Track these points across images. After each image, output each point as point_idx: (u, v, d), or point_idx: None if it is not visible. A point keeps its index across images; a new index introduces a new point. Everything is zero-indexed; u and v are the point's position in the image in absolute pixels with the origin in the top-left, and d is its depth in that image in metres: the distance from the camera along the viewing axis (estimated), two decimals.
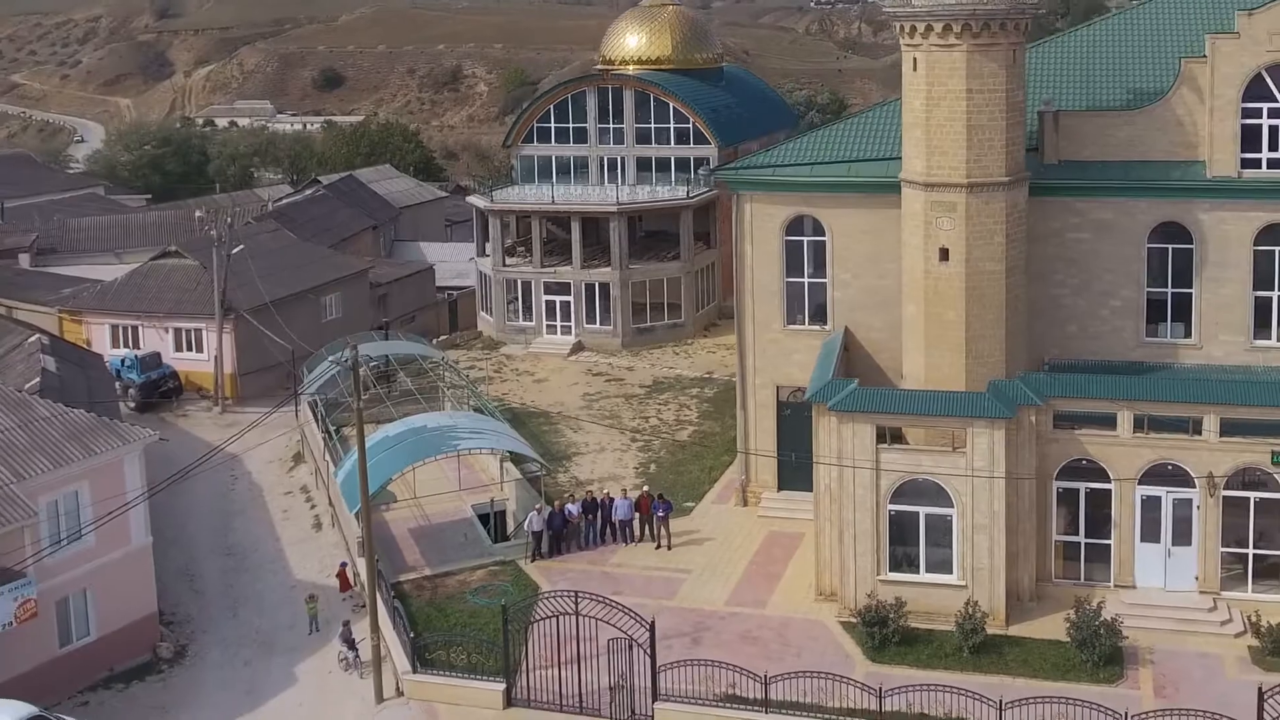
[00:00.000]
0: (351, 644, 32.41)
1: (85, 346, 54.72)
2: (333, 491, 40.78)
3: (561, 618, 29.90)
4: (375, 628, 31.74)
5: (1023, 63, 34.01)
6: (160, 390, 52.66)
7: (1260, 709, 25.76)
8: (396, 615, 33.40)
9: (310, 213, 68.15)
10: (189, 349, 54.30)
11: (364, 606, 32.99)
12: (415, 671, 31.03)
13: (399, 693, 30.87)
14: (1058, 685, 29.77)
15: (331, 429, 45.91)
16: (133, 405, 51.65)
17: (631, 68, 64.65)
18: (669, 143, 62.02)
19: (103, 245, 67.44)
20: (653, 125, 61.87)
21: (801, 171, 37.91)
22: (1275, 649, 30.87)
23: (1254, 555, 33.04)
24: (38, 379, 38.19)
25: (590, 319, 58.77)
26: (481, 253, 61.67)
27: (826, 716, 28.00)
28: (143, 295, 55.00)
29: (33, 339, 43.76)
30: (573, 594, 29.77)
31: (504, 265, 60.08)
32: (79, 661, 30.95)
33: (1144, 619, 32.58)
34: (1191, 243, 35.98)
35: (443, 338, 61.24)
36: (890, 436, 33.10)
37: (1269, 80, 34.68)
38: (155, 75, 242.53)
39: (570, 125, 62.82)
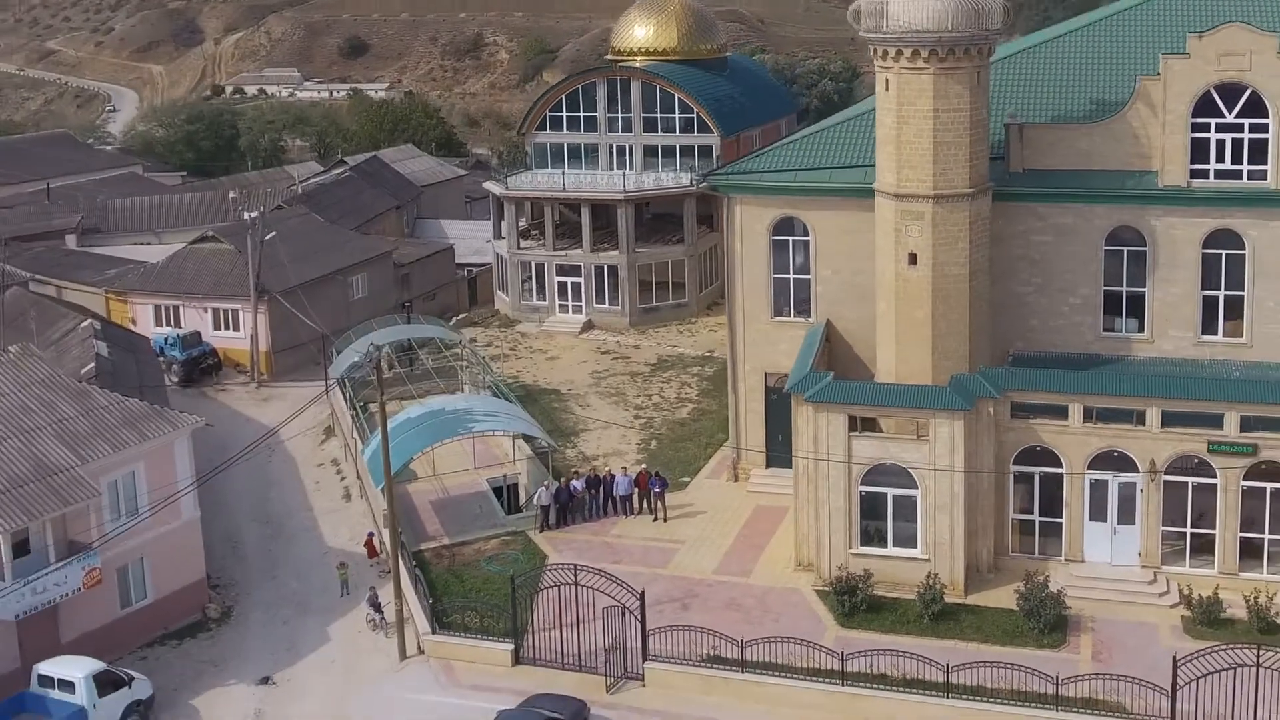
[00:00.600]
0: (378, 607, 35.64)
1: (131, 325, 58.18)
2: (360, 466, 43.90)
3: (563, 587, 33.04)
4: (399, 593, 34.86)
5: (986, 83, 36.26)
6: (201, 367, 55.90)
7: (1174, 675, 28.57)
8: (417, 581, 36.62)
9: (337, 194, 70.85)
10: (226, 328, 57.44)
11: (389, 573, 36.21)
12: (434, 632, 34.28)
13: (420, 651, 34.09)
14: (1006, 650, 32.67)
15: (359, 406, 49.09)
16: (176, 380, 54.83)
17: (640, 58, 66.82)
18: (674, 131, 64.33)
19: (142, 225, 70.45)
20: (659, 115, 64.19)
21: (786, 177, 40.42)
22: (1205, 619, 33.72)
23: (1191, 534, 35.76)
24: (93, 364, 41.34)
25: (600, 299, 61.55)
26: (498, 235, 64.40)
27: (795, 676, 31.10)
28: (183, 277, 58.07)
29: (85, 324, 46.95)
30: (572, 567, 32.90)
31: (519, 248, 62.87)
32: (137, 621, 34.31)
33: (1090, 590, 35.44)
34: (1145, 246, 38.35)
35: (462, 315, 64.18)
36: (862, 424, 35.86)
37: (1216, 97, 36.86)
38: (186, 42, 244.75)
39: (581, 114, 65.19)
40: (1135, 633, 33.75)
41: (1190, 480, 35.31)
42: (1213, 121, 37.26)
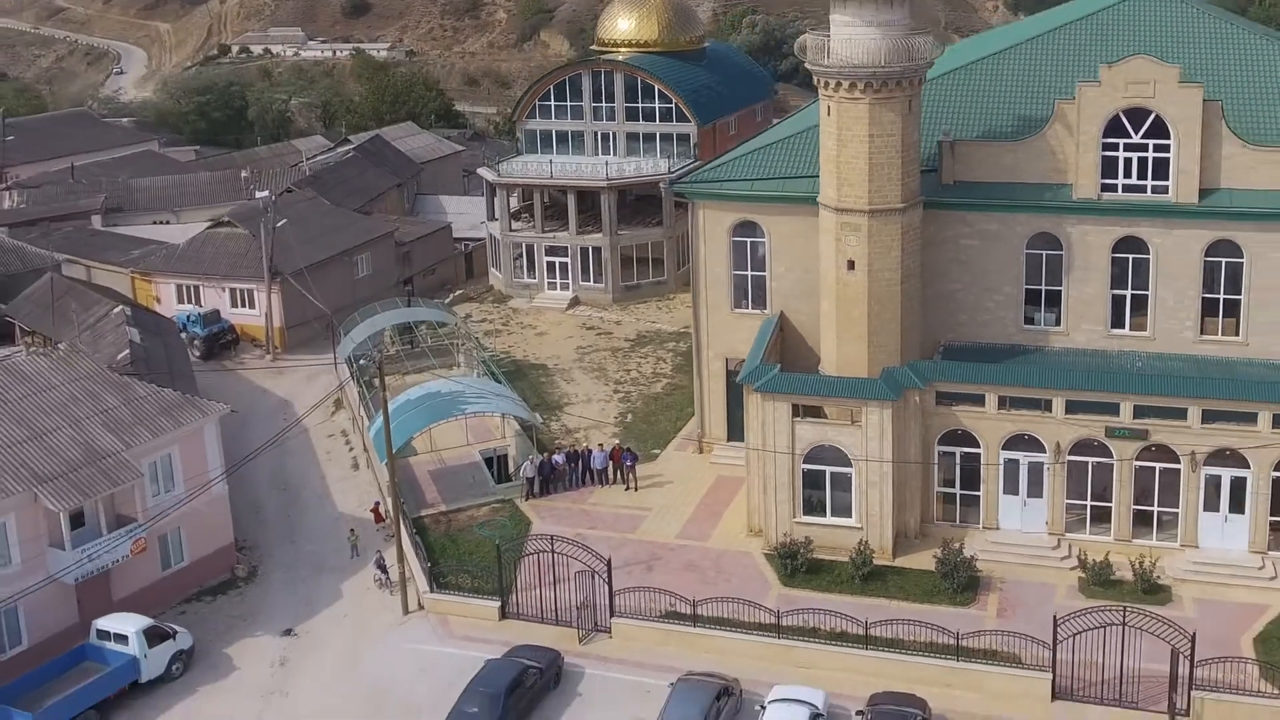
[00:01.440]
0: (383, 568, 40.04)
1: (155, 302, 62.13)
2: (366, 440, 48.14)
3: (542, 554, 37.44)
4: (401, 556, 39.19)
5: (918, 109, 39.87)
6: (220, 342, 59.95)
7: (1055, 631, 33.00)
8: (418, 545, 41.02)
9: (342, 174, 74.30)
10: (243, 305, 61.37)
11: (393, 537, 40.50)
12: (432, 591, 38.74)
13: (420, 607, 38.56)
14: (923, 607, 37.19)
15: (364, 382, 53.22)
16: (198, 355, 58.95)
17: (623, 50, 70.01)
18: (655, 120, 67.76)
19: (161, 204, 74.08)
20: (640, 105, 67.57)
21: (744, 186, 44.20)
22: (1097, 580, 38.12)
23: (1091, 506, 40.04)
24: (127, 351, 45.34)
25: (585, 277, 65.49)
26: (491, 217, 68.07)
27: (739, 630, 35.55)
28: (202, 259, 61.89)
29: (117, 310, 50.86)
30: (549, 537, 37.29)
31: (510, 230, 66.65)
32: (176, 582, 38.76)
33: (1002, 554, 39.82)
34: (1061, 250, 42.21)
35: (458, 292, 68.07)
36: (804, 410, 40.04)
37: (1125, 120, 40.51)
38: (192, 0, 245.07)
39: (568, 103, 68.60)
40: (1037, 592, 38.23)
41: (1090, 460, 39.64)
42: (1121, 141, 41.01)
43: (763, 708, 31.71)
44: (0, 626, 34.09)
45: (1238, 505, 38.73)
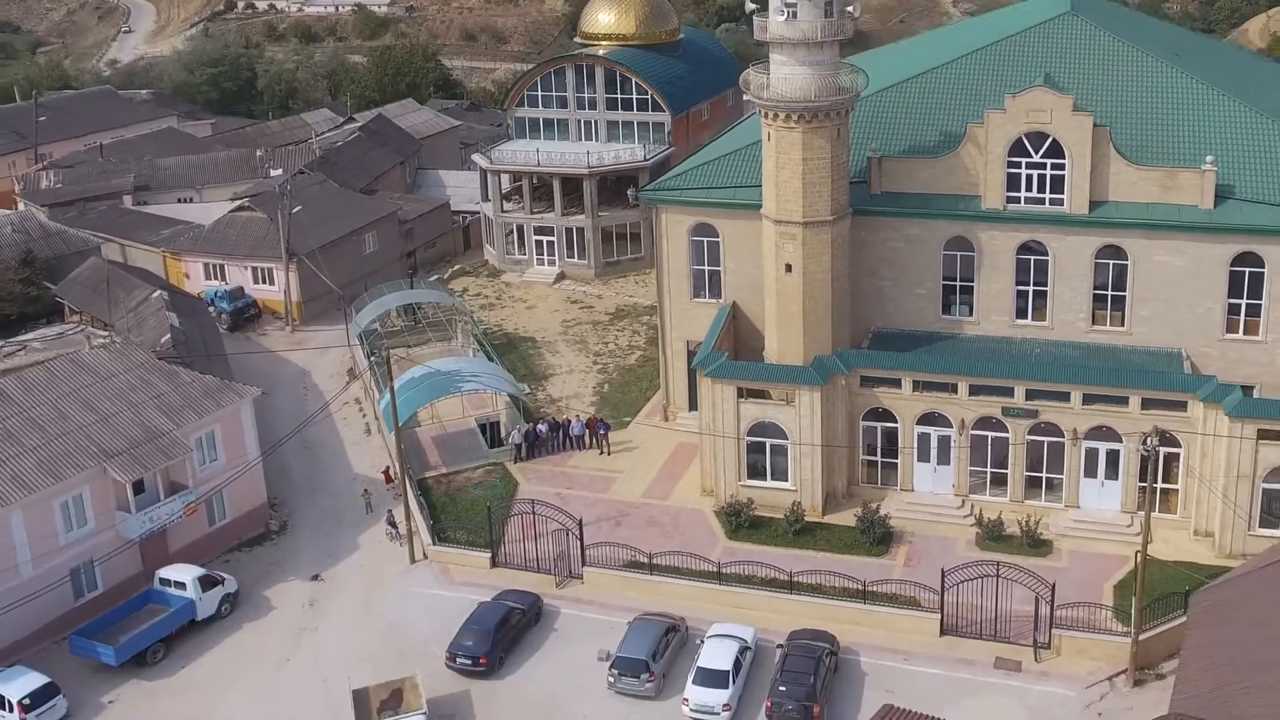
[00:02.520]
0: (393, 524, 46.40)
1: (185, 278, 67.82)
2: (376, 410, 54.23)
3: (525, 514, 43.77)
4: (408, 513, 45.64)
5: (846, 134, 45.24)
6: (245, 316, 65.76)
7: (943, 580, 39.39)
8: (421, 504, 47.38)
9: (349, 155, 79.34)
10: (263, 282, 67.10)
11: (401, 497, 46.85)
12: (434, 544, 45.15)
13: (424, 557, 45.00)
14: (844, 558, 43.61)
15: (373, 355, 59.10)
16: (225, 327, 64.80)
17: (604, 42, 74.75)
18: (632, 110, 72.88)
19: (184, 182, 79.19)
20: (619, 95, 72.63)
21: (700, 194, 49.81)
22: (989, 535, 44.47)
23: (991, 472, 46.28)
24: (168, 335, 51.20)
25: (570, 254, 71.13)
26: (485, 199, 73.44)
27: (687, 578, 41.94)
28: (226, 240, 67.44)
29: (156, 294, 56.59)
30: (531, 501, 43.62)
31: (503, 211, 72.12)
32: (220, 535, 45.17)
33: (915, 512, 46.20)
34: (973, 252, 47.97)
35: (457, 266, 73.66)
36: (748, 392, 46.08)
37: (1026, 142, 46.03)
38: None
39: (554, 94, 73.59)
40: (940, 545, 44.57)
41: (990, 434, 45.76)
42: (1023, 160, 46.54)
43: (702, 641, 38.29)
44: (80, 576, 40.70)
45: (1112, 472, 45.07)
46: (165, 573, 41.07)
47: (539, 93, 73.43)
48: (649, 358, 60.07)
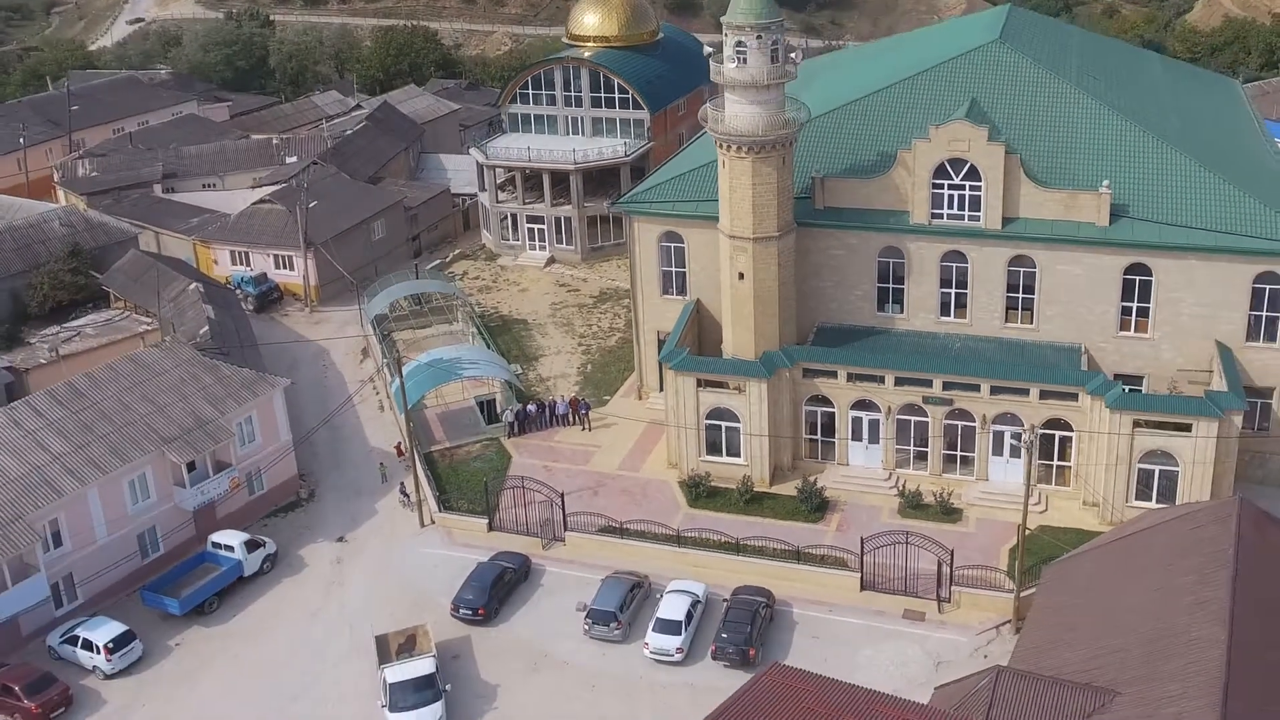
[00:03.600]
0: (405, 493, 53.33)
1: (214, 264, 74.03)
2: (388, 391, 60.84)
3: (516, 488, 50.69)
4: (418, 484, 52.52)
5: (790, 162, 51.23)
6: (269, 299, 72.13)
7: (862, 546, 46.40)
8: (429, 476, 54.26)
9: (358, 144, 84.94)
10: (284, 268, 73.39)
11: (411, 469, 53.67)
12: (440, 511, 52.14)
13: (432, 522, 52.01)
14: (785, 523, 50.61)
15: (384, 337, 65.59)
16: (251, 308, 71.17)
17: (590, 43, 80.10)
18: (615, 108, 78.49)
19: (207, 169, 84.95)
20: (602, 94, 78.22)
21: (668, 207, 55.97)
22: (910, 504, 51.42)
23: (914, 450, 53.10)
24: (206, 327, 57.61)
25: (559, 240, 77.31)
26: (482, 189, 79.34)
27: (651, 541, 48.96)
28: (250, 230, 73.57)
29: (192, 287, 62.84)
30: (521, 477, 50.54)
31: (498, 201, 78.10)
32: (258, 504, 52.15)
33: (848, 484, 53.13)
34: (903, 259, 54.27)
35: (458, 250, 79.75)
36: (706, 382, 52.70)
37: (948, 167, 52.13)
38: None
39: (544, 92, 79.16)
40: (868, 513, 51.57)
41: (912, 419, 52.54)
42: (946, 182, 52.67)
43: (661, 596, 45.46)
44: (145, 540, 47.75)
45: (1016, 452, 52.05)
46: (216, 537, 48.20)
47: (530, 91, 79.09)
48: (627, 340, 66.51)
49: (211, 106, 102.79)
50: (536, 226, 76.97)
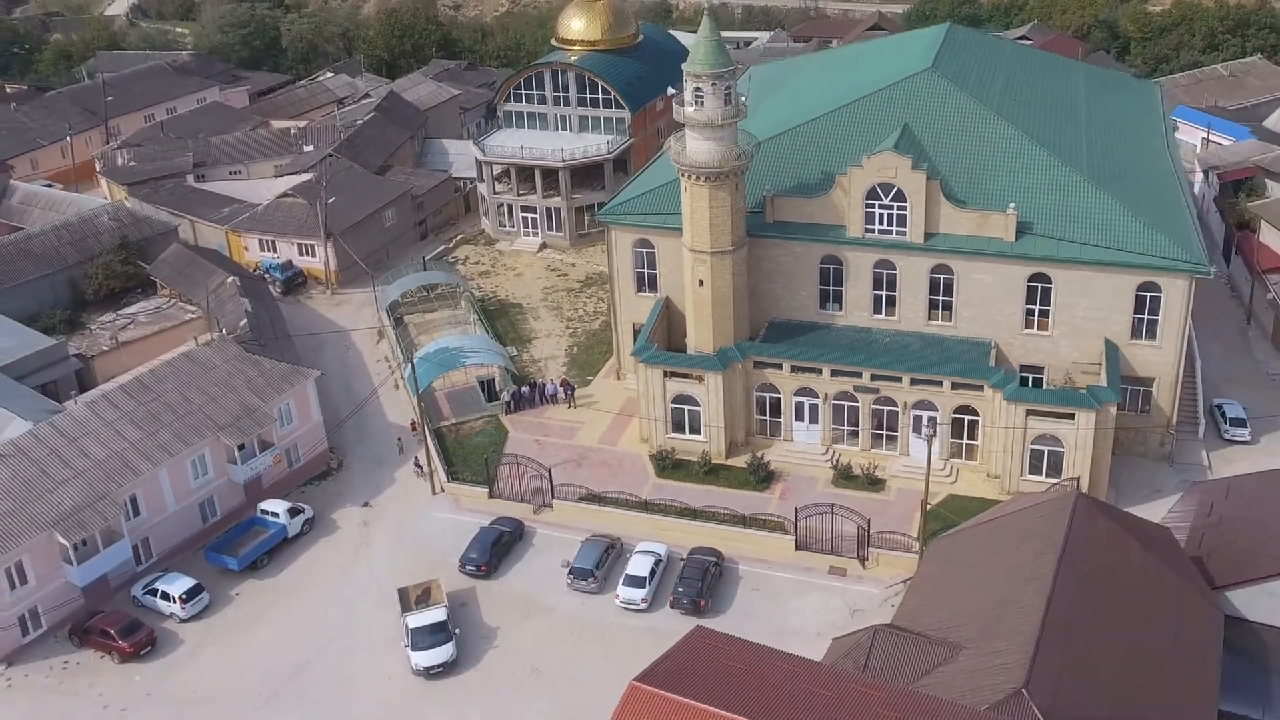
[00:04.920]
0: (419, 464, 61.58)
1: (244, 250, 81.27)
2: (402, 375, 68.67)
3: (512, 464, 58.93)
4: (429, 457, 60.78)
5: (742, 187, 58.50)
6: (294, 283, 79.58)
7: (796, 515, 54.76)
8: (438, 449, 62.45)
9: (368, 135, 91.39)
10: (307, 255, 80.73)
11: (423, 443, 61.84)
12: (449, 480, 60.46)
13: (442, 490, 60.36)
14: (737, 492, 58.96)
15: (398, 321, 73.19)
16: (279, 292, 78.61)
17: (577, 46, 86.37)
18: (599, 107, 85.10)
19: (233, 158, 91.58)
20: (588, 95, 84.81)
21: (641, 219, 63.39)
22: (841, 475, 59.72)
23: (848, 430, 61.36)
24: (245, 320, 65.23)
25: (550, 228, 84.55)
26: (480, 181, 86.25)
27: (623, 507, 57.33)
28: (276, 221, 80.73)
29: (230, 280, 70.24)
30: (515, 456, 58.76)
31: (495, 193, 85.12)
32: (296, 475, 60.47)
33: (791, 458, 61.39)
34: (841, 265, 61.77)
35: (460, 236, 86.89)
36: (671, 373, 60.59)
37: (879, 189, 59.36)
38: None
39: (535, 92, 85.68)
40: (807, 483, 59.93)
41: (845, 403, 60.66)
42: (877, 203, 59.98)
43: (629, 555, 54.02)
44: (204, 508, 56.17)
45: (934, 428, 60.08)
46: (264, 505, 56.71)
47: (523, 91, 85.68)
48: (609, 324, 74.22)
49: (232, 91, 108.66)
50: (530, 215, 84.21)
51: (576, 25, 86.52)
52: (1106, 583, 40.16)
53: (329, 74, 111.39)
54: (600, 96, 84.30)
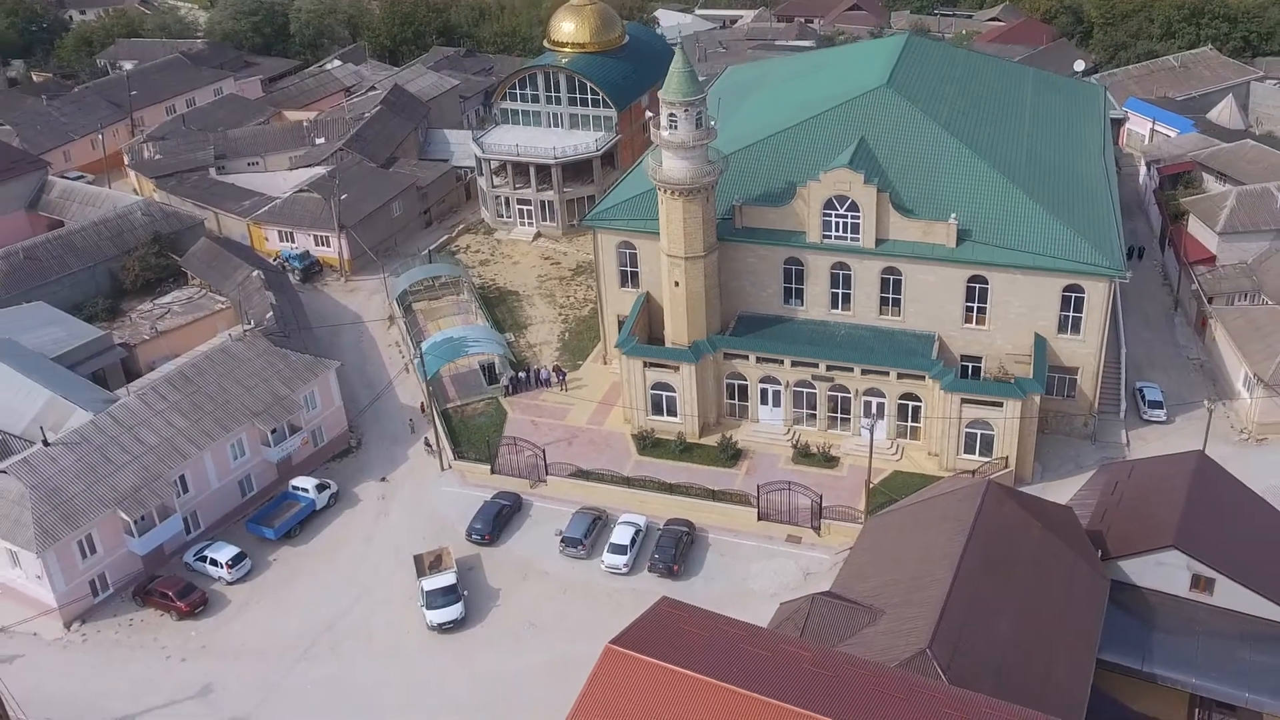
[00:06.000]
0: (428, 443, 68.34)
1: (264, 240, 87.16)
2: (411, 360, 75.12)
3: (510, 444, 65.71)
4: (437, 437, 67.56)
5: (713, 199, 64.59)
6: (311, 271, 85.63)
7: (759, 490, 61.76)
8: (446, 429, 69.18)
9: (375, 128, 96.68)
10: (322, 245, 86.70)
11: (431, 422, 68.55)
12: (455, 458, 67.27)
13: (449, 466, 67.20)
14: (709, 468, 65.83)
15: (407, 309, 79.43)
16: (298, 280, 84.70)
17: (567, 48, 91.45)
18: (588, 106, 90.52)
19: (251, 151, 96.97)
20: (577, 95, 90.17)
21: (623, 224, 69.51)
22: (801, 454, 66.59)
23: (807, 412, 68.18)
24: (271, 313, 71.48)
25: (544, 218, 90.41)
26: (480, 174, 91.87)
27: (608, 482, 64.20)
28: (293, 214, 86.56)
29: (255, 274, 76.30)
30: (514, 438, 65.54)
31: (493, 186, 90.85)
32: (319, 454, 67.31)
33: (757, 438, 68.25)
34: (803, 266, 68.06)
35: (462, 225, 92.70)
36: (650, 364, 67.17)
37: (835, 201, 65.49)
38: None
39: (529, 91, 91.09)
40: (770, 460, 66.81)
41: (805, 390, 67.44)
42: (834, 212, 66.09)
43: (613, 525, 61.05)
44: (243, 485, 63.03)
45: (881, 415, 67.06)
46: (295, 481, 63.66)
47: (518, 90, 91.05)
48: (597, 310, 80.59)
49: (245, 81, 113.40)
50: (525, 206, 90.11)
51: (567, 28, 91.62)
52: (1007, 559, 47.29)
53: (336, 62, 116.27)
54: (589, 96, 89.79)
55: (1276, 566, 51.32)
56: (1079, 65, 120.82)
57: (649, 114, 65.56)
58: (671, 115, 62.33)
